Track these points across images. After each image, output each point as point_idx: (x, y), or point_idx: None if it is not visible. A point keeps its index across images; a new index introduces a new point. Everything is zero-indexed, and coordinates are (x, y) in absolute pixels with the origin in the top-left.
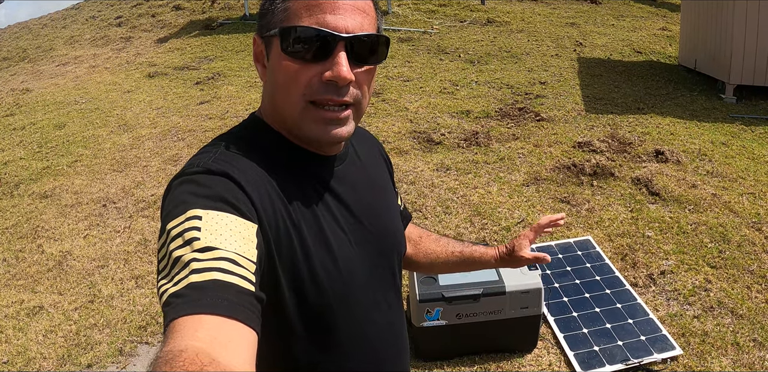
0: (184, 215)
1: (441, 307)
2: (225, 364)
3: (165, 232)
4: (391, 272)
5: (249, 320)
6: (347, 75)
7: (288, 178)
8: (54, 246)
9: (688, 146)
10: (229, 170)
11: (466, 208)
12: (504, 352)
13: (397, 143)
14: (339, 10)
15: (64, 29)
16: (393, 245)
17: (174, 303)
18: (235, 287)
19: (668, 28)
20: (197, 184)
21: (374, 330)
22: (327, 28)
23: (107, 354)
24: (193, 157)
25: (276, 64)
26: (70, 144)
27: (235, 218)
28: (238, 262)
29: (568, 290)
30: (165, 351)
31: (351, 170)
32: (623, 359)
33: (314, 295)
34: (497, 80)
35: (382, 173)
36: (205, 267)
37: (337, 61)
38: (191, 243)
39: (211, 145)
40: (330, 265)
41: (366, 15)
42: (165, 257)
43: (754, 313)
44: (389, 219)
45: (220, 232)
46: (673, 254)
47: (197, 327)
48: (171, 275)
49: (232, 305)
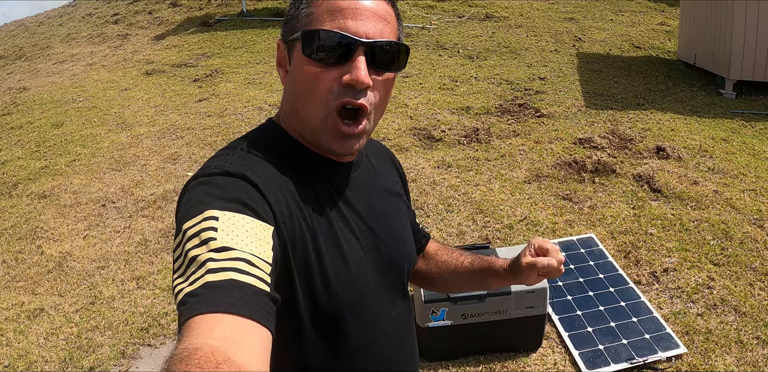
0: (201, 215)
1: (446, 308)
2: (240, 363)
3: (181, 232)
4: (401, 280)
5: (264, 320)
6: (365, 79)
7: (303, 182)
8: (53, 247)
9: (689, 142)
10: (247, 173)
11: (468, 205)
12: (509, 351)
13: (398, 140)
14: (360, 15)
15: (60, 27)
16: (402, 253)
17: (190, 302)
18: (251, 288)
19: (667, 23)
20: (215, 185)
21: (384, 337)
22: (348, 32)
23: (109, 356)
24: (210, 159)
25: (297, 67)
26: (68, 143)
27: (251, 220)
28: (254, 263)
29: (571, 288)
30: (180, 348)
31: (364, 178)
32: (628, 358)
33: (326, 298)
34: (497, 76)
35: (395, 183)
36: (221, 267)
37: (355, 64)
38: (207, 243)
39: (229, 148)
40: (342, 269)
41: (387, 23)
42: (181, 256)
43: (758, 311)
44: (400, 227)
45: (236, 233)
46: (675, 251)
47: (213, 326)
48: (187, 274)
49: (248, 305)
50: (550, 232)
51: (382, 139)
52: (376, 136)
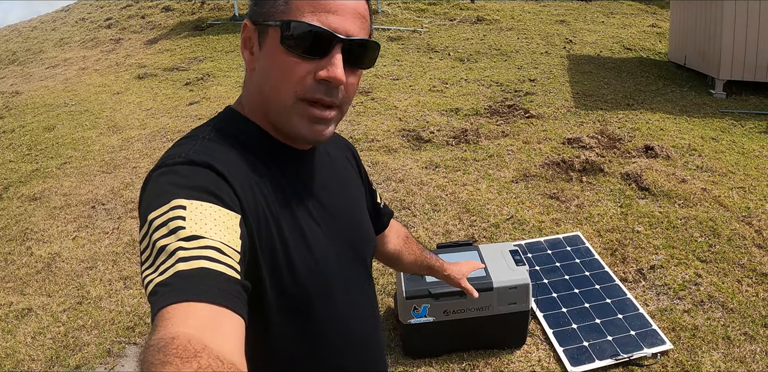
0: (167, 205)
1: (428, 304)
2: (217, 350)
3: (147, 223)
4: (364, 265)
5: (237, 308)
6: (342, 76)
7: (266, 171)
8: (43, 248)
9: (678, 141)
10: (211, 161)
11: (454, 205)
12: (493, 348)
13: (386, 141)
14: (341, 12)
15: (53, 31)
16: (363, 240)
17: (161, 292)
18: (223, 276)
19: (658, 25)
20: (179, 174)
21: (351, 321)
22: (330, 28)
23: (95, 355)
24: (171, 148)
25: (271, 55)
26: (60, 146)
27: (219, 208)
28: (224, 251)
29: (557, 286)
30: (156, 339)
31: (323, 167)
32: (613, 354)
33: (292, 285)
34: (487, 78)
35: (350, 170)
36: (192, 255)
37: (333, 61)
38: (176, 232)
39: (190, 136)
40: (307, 255)
41: (365, 20)
42: (148, 247)
43: (745, 307)
44: (359, 214)
45: (205, 222)
46: (662, 249)
47: (187, 314)
48: (156, 265)
49: (221, 293)
50: (536, 231)
51: (370, 140)
52: (365, 137)
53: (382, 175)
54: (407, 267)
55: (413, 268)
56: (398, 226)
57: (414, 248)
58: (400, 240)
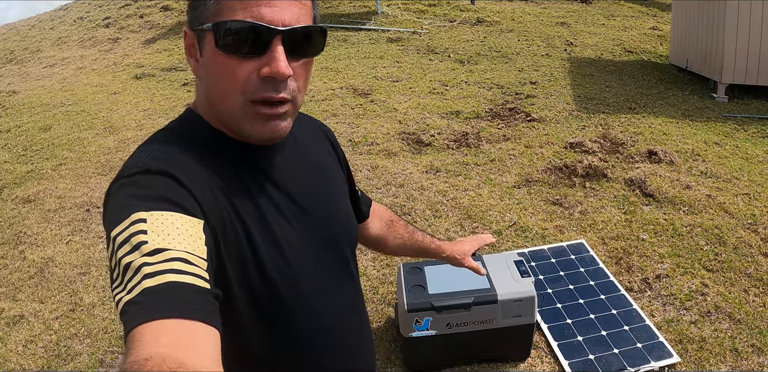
0: (128, 220)
1: (430, 317)
2: (193, 365)
3: (111, 240)
4: (342, 258)
5: (209, 319)
6: (285, 70)
7: (227, 171)
8: (36, 252)
9: (681, 146)
10: (168, 168)
11: (456, 211)
12: (496, 362)
13: (386, 145)
14: (274, 1)
15: (51, 30)
16: (341, 231)
17: (131, 311)
18: (191, 287)
19: (659, 28)
20: (137, 185)
21: (330, 319)
22: (262, 21)
23: (88, 365)
24: (131, 157)
25: (211, 60)
26: (55, 147)
27: (180, 216)
28: (190, 260)
29: (561, 296)
30: (130, 361)
31: (290, 158)
32: (620, 368)
33: (262, 286)
34: (487, 80)
35: (327, 158)
36: (157, 270)
37: (274, 56)
38: (139, 247)
39: (148, 142)
40: (276, 255)
41: (302, 6)
42: (116, 266)
43: (753, 318)
44: (336, 205)
45: (167, 233)
46: (668, 257)
47: (158, 333)
48: (124, 283)
49: (189, 306)
50: (539, 238)
51: (370, 143)
52: (364, 140)
53: (381, 180)
54: (395, 250)
55: (402, 251)
56: (381, 210)
57: (401, 231)
58: (383, 224)
